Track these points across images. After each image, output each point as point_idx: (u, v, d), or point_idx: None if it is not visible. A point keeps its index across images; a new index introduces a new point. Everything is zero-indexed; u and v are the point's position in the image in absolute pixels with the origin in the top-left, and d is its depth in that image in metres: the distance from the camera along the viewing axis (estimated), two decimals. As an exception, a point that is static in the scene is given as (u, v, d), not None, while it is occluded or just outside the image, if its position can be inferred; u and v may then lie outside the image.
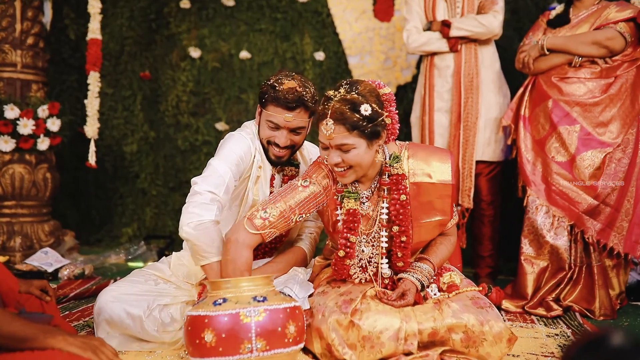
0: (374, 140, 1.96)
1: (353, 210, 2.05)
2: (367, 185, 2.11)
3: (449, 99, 3.37)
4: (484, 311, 1.97)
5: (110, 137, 4.92)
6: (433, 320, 1.94)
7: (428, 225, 2.11)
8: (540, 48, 3.06)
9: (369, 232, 2.11)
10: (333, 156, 1.96)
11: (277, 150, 2.24)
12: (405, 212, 2.04)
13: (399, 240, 2.05)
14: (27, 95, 3.91)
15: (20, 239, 3.82)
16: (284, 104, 2.16)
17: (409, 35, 3.42)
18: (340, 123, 1.91)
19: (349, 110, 1.91)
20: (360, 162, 1.97)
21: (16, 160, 3.84)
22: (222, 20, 4.78)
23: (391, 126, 2.01)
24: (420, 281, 2.06)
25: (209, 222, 2.05)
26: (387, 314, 1.94)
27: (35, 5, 3.95)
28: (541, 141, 3.03)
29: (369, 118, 1.92)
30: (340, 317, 1.92)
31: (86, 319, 2.59)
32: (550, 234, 2.95)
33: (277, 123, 2.20)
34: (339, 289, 2.08)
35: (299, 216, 2.06)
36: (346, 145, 1.93)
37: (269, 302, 1.68)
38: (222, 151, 2.23)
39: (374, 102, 1.94)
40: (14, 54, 3.86)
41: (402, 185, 2.05)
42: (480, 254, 3.47)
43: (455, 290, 2.06)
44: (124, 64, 4.90)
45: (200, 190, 2.09)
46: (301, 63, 4.68)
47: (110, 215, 4.99)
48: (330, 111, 1.92)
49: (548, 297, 2.89)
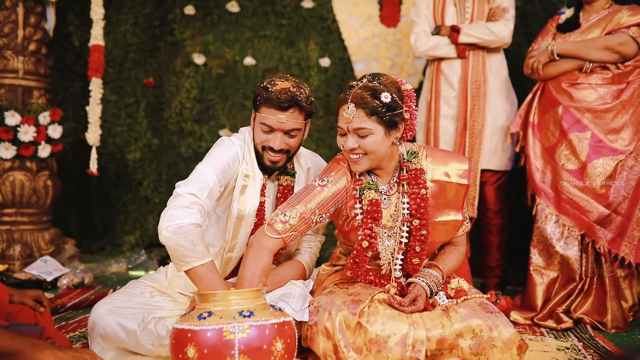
0: (391, 129, 1.99)
1: (375, 200, 2.03)
2: (386, 179, 2.12)
3: (455, 106, 3.31)
4: (493, 316, 1.93)
5: (113, 145, 4.88)
6: (442, 326, 1.90)
7: (442, 225, 2.11)
8: (550, 53, 2.99)
9: (392, 226, 2.09)
10: (350, 141, 1.99)
11: (271, 155, 2.16)
12: (425, 206, 2.04)
13: (419, 234, 2.05)
14: (29, 101, 3.87)
15: (20, 247, 3.77)
16: (277, 104, 2.10)
17: (417, 38, 3.36)
18: (361, 107, 1.95)
19: (369, 96, 1.95)
20: (376, 149, 1.98)
21: (17, 167, 3.79)
22: (227, 27, 4.74)
23: (410, 122, 2.04)
24: (430, 287, 2.03)
25: (189, 225, 1.96)
26: (395, 319, 1.90)
27: (37, 11, 3.92)
28: (551, 148, 2.95)
29: (389, 106, 1.96)
30: (348, 316, 1.89)
31: (83, 329, 2.53)
32: (560, 244, 2.87)
33: (271, 125, 2.13)
34: (347, 290, 2.04)
35: (319, 217, 2.04)
36: (364, 130, 1.96)
37: (256, 318, 1.61)
38: (209, 156, 2.17)
39: (395, 93, 1.98)
40: (16, 60, 3.82)
41: (421, 180, 2.06)
42: (488, 264, 3.40)
43: (464, 296, 2.04)
44: (127, 70, 4.87)
45: (181, 193, 2.03)
46: (306, 69, 4.63)
47: (113, 223, 4.94)
48: (351, 96, 1.96)
49: (558, 309, 2.81)
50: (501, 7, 3.29)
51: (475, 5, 3.32)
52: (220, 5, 4.73)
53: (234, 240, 2.22)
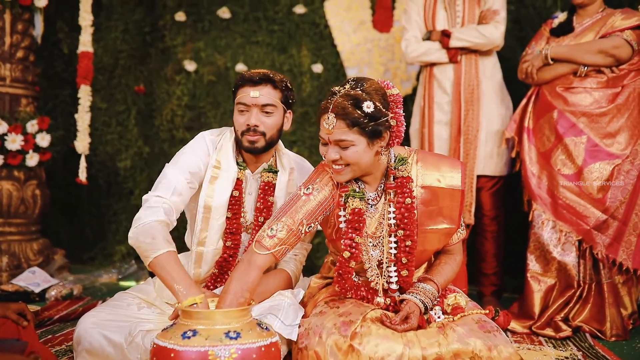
0: (375, 139, 1.90)
1: (358, 209, 1.96)
2: (374, 187, 2.04)
3: (448, 111, 3.27)
4: (492, 335, 1.85)
5: (104, 153, 4.81)
6: (438, 345, 1.82)
7: (433, 233, 2.02)
8: (544, 57, 2.96)
9: (377, 236, 2.03)
10: (331, 152, 1.91)
11: (248, 135, 2.16)
12: (410, 215, 1.96)
13: (404, 244, 1.98)
14: (16, 109, 3.81)
15: (7, 258, 3.69)
16: (249, 81, 2.16)
17: (408, 44, 3.33)
18: (341, 118, 1.86)
19: (351, 105, 1.86)
20: (359, 160, 1.91)
21: (4, 176, 3.72)
22: (218, 33, 4.70)
23: (396, 128, 1.95)
24: (424, 303, 1.95)
25: (151, 222, 1.99)
26: (389, 339, 1.82)
27: (25, 18, 3.86)
28: (546, 153, 2.92)
29: (371, 116, 1.87)
30: (339, 340, 1.80)
31: (69, 343, 2.46)
32: (557, 250, 2.83)
33: (245, 102, 2.15)
34: (338, 310, 1.96)
35: (308, 227, 1.98)
36: (345, 142, 1.88)
37: (242, 340, 1.55)
38: (176, 156, 2.23)
39: (379, 101, 1.89)
40: (3, 67, 3.76)
41: (407, 188, 1.98)
42: (484, 272, 3.35)
43: (461, 313, 1.95)
44: (118, 78, 4.81)
45: (147, 197, 2.10)
46: (299, 75, 4.59)
47: (104, 232, 4.87)
48: (332, 105, 1.88)
49: (556, 317, 2.77)
50: (492, 9, 3.25)
51: (466, 8, 3.28)
52: (211, 11, 4.68)
53: (204, 232, 2.20)
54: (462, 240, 2.17)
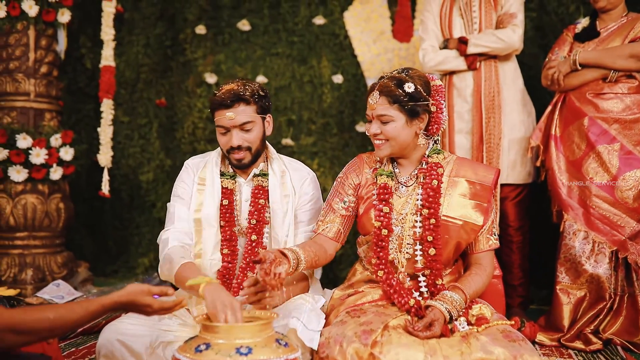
0: (413, 118, 2.06)
1: (384, 184, 2.13)
2: (408, 171, 2.17)
3: (469, 120, 3.22)
4: (517, 344, 1.79)
5: (126, 166, 4.84)
6: (460, 354, 1.77)
7: (455, 224, 2.07)
8: (572, 63, 2.90)
9: (402, 213, 2.12)
10: (374, 126, 2.08)
11: (234, 153, 2.24)
12: (436, 196, 2.07)
13: (428, 222, 2.05)
14: (40, 124, 3.85)
15: (32, 271, 3.72)
16: (222, 104, 2.20)
17: (425, 54, 3.29)
18: (384, 95, 2.05)
19: (394, 85, 2.04)
20: (397, 136, 2.06)
21: (28, 190, 3.76)
22: (238, 45, 4.71)
23: (436, 115, 2.09)
24: (450, 312, 1.92)
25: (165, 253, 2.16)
26: (410, 347, 1.78)
27: (49, 34, 3.91)
28: (577, 162, 2.85)
29: (411, 95, 2.03)
30: (360, 348, 1.78)
31: (92, 356, 2.46)
32: (590, 262, 2.75)
33: (224, 125, 2.21)
34: (359, 319, 1.94)
35: (342, 202, 2.21)
36: (385, 117, 2.05)
37: (254, 356, 1.50)
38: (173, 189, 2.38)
39: (420, 85, 2.05)
40: (27, 82, 3.81)
41: (435, 172, 2.10)
42: (510, 283, 3.27)
43: (485, 324, 1.90)
44: (139, 91, 4.85)
45: (159, 236, 2.26)
46: (319, 87, 4.58)
47: (127, 245, 4.89)
48: (378, 84, 2.08)
49: (586, 330, 2.69)
50: (509, 12, 3.20)
51: (482, 14, 3.24)
52: (231, 24, 4.70)
53: (198, 245, 2.26)
54: (492, 252, 2.15)
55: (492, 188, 2.11)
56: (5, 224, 3.73)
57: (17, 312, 1.49)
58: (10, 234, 3.77)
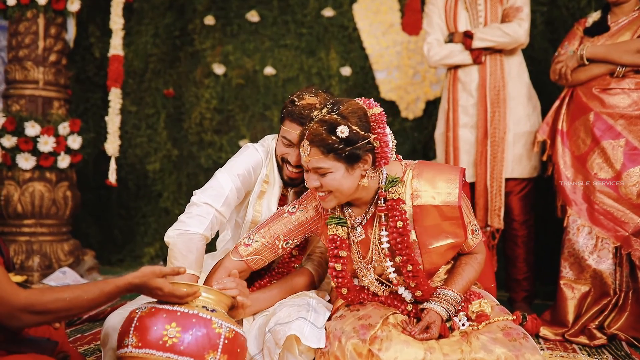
0: (354, 164, 1.82)
1: (333, 236, 1.94)
2: (362, 209, 1.97)
3: (474, 114, 3.20)
4: (517, 343, 1.77)
5: (133, 156, 4.86)
6: (460, 352, 1.75)
7: (439, 249, 1.92)
8: (579, 58, 2.88)
9: (369, 260, 1.96)
10: (312, 179, 1.86)
11: (290, 169, 2.12)
12: (404, 240, 1.87)
13: (406, 270, 1.89)
14: (49, 112, 3.87)
15: (39, 258, 3.74)
16: (298, 120, 2.04)
17: (430, 48, 3.27)
18: (316, 145, 1.80)
19: (325, 131, 1.79)
20: (339, 187, 1.83)
21: (36, 178, 3.78)
22: (247, 37, 4.71)
23: (380, 149, 1.83)
24: (447, 310, 1.88)
25: (194, 234, 2.03)
26: (410, 344, 1.77)
27: (58, 22, 3.92)
28: (582, 157, 2.84)
29: (347, 140, 1.78)
30: (358, 344, 1.77)
31: (97, 342, 2.48)
32: (593, 257, 2.74)
33: (291, 140, 2.08)
34: (358, 312, 1.92)
35: (285, 242, 2.01)
36: (322, 169, 1.82)
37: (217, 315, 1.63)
38: (230, 163, 2.18)
39: (355, 124, 1.80)
40: (36, 70, 3.83)
41: (397, 212, 1.87)
42: (514, 277, 3.27)
43: (485, 321, 1.88)
44: (147, 81, 4.86)
45: (196, 202, 2.09)
46: (327, 79, 4.57)
47: (133, 234, 4.91)
48: (308, 132, 1.82)
49: (591, 325, 2.69)
50: (515, 6, 3.17)
51: (488, 8, 3.21)
52: (240, 15, 4.70)
53: None
54: (490, 244, 2.11)
55: (459, 206, 1.87)
56: (13, 211, 3.75)
57: (34, 292, 1.51)
58: (18, 221, 3.79)
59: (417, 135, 4.43)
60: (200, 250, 2.04)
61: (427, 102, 4.37)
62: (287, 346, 1.88)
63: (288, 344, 1.88)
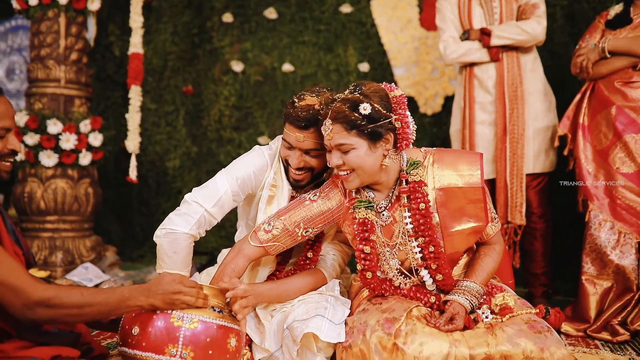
0: (376, 142, 1.86)
1: (363, 219, 1.95)
2: (385, 194, 2.00)
3: (492, 111, 3.18)
4: (542, 336, 1.78)
5: (153, 153, 4.90)
6: (486, 345, 1.76)
7: (461, 233, 1.94)
8: (600, 51, 2.84)
9: (393, 244, 1.97)
10: (334, 157, 1.89)
11: (293, 172, 2.11)
12: (427, 221, 1.91)
13: (428, 251, 1.92)
14: (70, 110, 3.92)
15: (62, 254, 3.80)
16: (295, 122, 2.02)
17: (446, 46, 3.24)
18: (339, 122, 1.84)
19: (347, 108, 1.83)
20: (362, 164, 1.86)
21: (59, 175, 3.83)
22: (265, 34, 4.72)
23: (402, 130, 1.88)
24: (471, 302, 1.89)
25: (180, 234, 2.07)
26: (435, 337, 1.77)
27: (79, 21, 3.97)
28: (604, 151, 2.80)
29: (369, 117, 1.82)
30: (383, 337, 1.78)
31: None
32: (616, 252, 2.71)
33: (290, 142, 2.07)
34: (381, 306, 1.93)
35: (305, 231, 2.00)
36: (345, 145, 1.85)
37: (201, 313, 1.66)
38: (232, 164, 2.20)
39: (377, 103, 1.84)
40: (58, 69, 3.88)
41: (419, 193, 1.92)
42: (533, 272, 3.25)
43: (509, 314, 1.88)
44: (167, 79, 4.90)
45: (188, 200, 2.13)
46: (345, 75, 4.57)
47: (153, 230, 4.84)
48: (330, 111, 1.86)
49: (613, 321, 2.65)
50: (530, 3, 3.14)
51: (503, 4, 3.18)
52: (258, 12, 4.72)
53: None
54: (511, 241, 2.10)
55: (482, 187, 1.92)
56: (37, 208, 3.81)
57: (52, 285, 1.55)
58: (41, 217, 3.85)
59: (436, 131, 4.41)
60: (186, 249, 2.07)
61: (445, 98, 4.35)
62: (306, 343, 1.89)
63: (306, 340, 1.89)
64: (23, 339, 1.58)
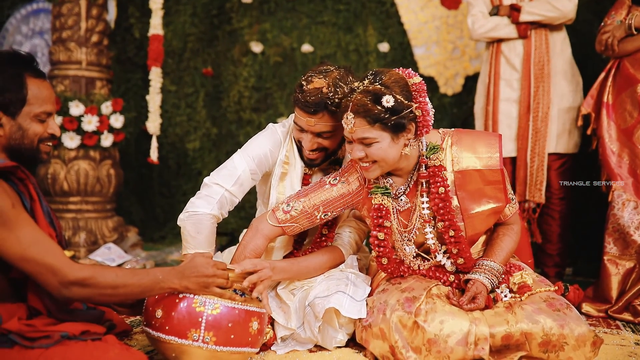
0: (399, 133, 1.84)
1: (378, 205, 1.96)
2: (404, 179, 2.00)
3: (517, 88, 3.15)
4: (562, 313, 1.79)
5: (173, 134, 4.93)
6: (506, 323, 1.78)
7: (480, 215, 1.95)
8: (627, 28, 2.78)
9: (409, 229, 1.97)
10: (356, 150, 1.86)
11: (307, 152, 2.12)
12: (446, 205, 1.91)
13: (448, 235, 1.92)
14: (92, 92, 3.95)
15: (85, 234, 3.86)
16: (305, 108, 2.01)
17: (475, 20, 3.22)
18: (361, 116, 1.81)
19: (370, 102, 1.80)
20: (385, 156, 1.85)
21: (81, 156, 3.88)
22: (284, 14, 4.70)
23: (422, 118, 1.86)
24: (492, 282, 1.90)
25: (203, 215, 2.10)
26: (455, 316, 1.79)
27: (99, 3, 3.99)
28: (628, 130, 2.76)
29: (392, 110, 1.80)
30: (404, 316, 1.79)
31: (142, 315, 2.53)
32: (639, 232, 2.67)
33: (301, 126, 2.07)
34: (400, 285, 1.95)
35: (324, 214, 2.02)
36: (368, 139, 1.83)
37: None
38: (248, 144, 2.22)
39: (399, 93, 1.81)
40: (79, 51, 3.91)
41: (439, 177, 1.92)
42: (548, 252, 3.25)
43: (528, 292, 1.88)
44: (186, 61, 4.91)
45: (208, 182, 2.16)
46: (365, 55, 4.54)
47: (174, 212, 5.00)
48: (351, 104, 1.82)
49: (635, 301, 2.63)
50: None
51: None
52: (277, -8, 4.70)
53: None
54: (530, 218, 2.10)
55: (501, 169, 1.93)
56: (60, 189, 3.87)
57: (87, 265, 1.59)
58: (65, 198, 3.91)
59: (457, 111, 4.38)
60: (209, 228, 2.09)
61: (466, 78, 4.30)
62: (327, 319, 1.91)
63: (328, 317, 1.91)
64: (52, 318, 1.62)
